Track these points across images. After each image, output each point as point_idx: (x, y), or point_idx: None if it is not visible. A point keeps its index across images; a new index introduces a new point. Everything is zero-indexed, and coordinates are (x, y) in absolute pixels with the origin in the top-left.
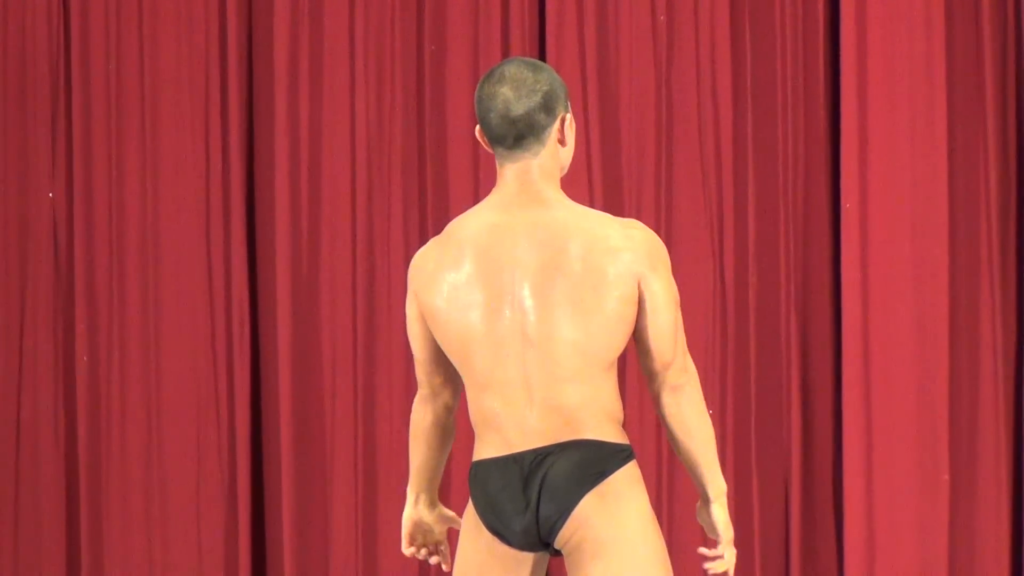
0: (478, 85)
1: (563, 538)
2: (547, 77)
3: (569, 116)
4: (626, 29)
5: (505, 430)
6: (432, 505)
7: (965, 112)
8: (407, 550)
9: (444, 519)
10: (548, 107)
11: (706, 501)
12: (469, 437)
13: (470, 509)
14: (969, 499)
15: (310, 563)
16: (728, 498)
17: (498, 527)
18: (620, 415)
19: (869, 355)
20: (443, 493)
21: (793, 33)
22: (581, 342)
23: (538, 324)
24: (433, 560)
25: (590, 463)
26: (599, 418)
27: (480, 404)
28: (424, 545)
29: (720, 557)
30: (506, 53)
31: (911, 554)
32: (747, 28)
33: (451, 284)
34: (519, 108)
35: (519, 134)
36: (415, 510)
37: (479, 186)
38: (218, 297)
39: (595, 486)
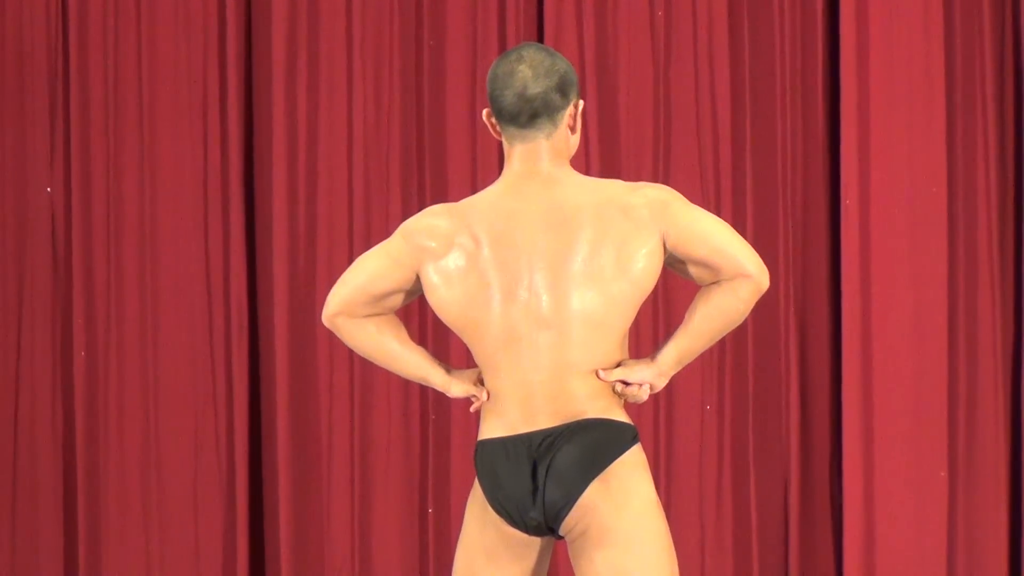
0: (492, 65)
1: (568, 525)
2: (563, 63)
3: (582, 104)
4: (624, 24)
5: (510, 412)
6: (450, 371)
7: (964, 109)
8: (483, 393)
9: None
10: (563, 90)
11: (649, 364)
12: (467, 418)
13: (476, 491)
14: (967, 496)
15: (307, 558)
16: (726, 495)
17: (507, 509)
18: None
19: (868, 352)
20: (443, 477)
21: (792, 29)
22: (600, 316)
23: (554, 307)
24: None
25: (596, 448)
26: (607, 400)
27: (489, 382)
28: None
29: (639, 385)
30: (504, 48)
31: (910, 551)
32: (745, 24)
33: (462, 265)
34: (536, 87)
35: (534, 112)
36: (450, 377)
37: (477, 181)
38: (216, 293)
39: (601, 472)
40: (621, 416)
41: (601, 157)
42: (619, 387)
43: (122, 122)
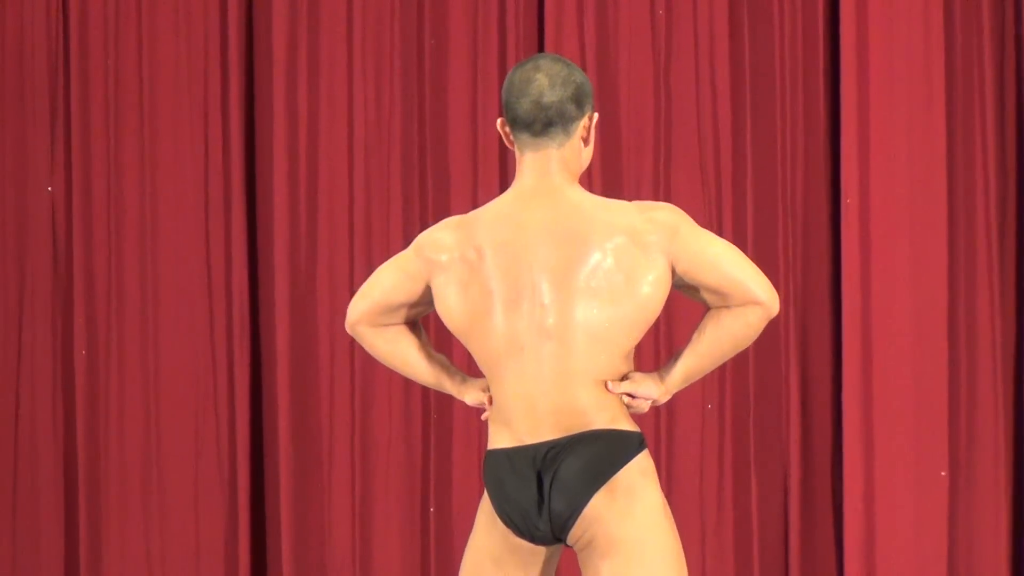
0: (509, 73)
1: (574, 536)
2: (580, 74)
3: (596, 116)
4: (625, 23)
5: (515, 423)
6: (464, 380)
7: (964, 107)
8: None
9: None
10: (579, 100)
11: (657, 383)
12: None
13: (486, 499)
14: (968, 496)
15: (309, 557)
16: (727, 494)
17: (513, 520)
18: None
19: (869, 351)
20: (444, 476)
21: (792, 27)
22: (603, 332)
23: (557, 318)
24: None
25: (601, 458)
26: (611, 408)
27: (494, 392)
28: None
29: (645, 400)
30: (505, 47)
31: (910, 551)
32: (746, 22)
33: (466, 276)
34: (552, 96)
35: (548, 121)
36: (464, 386)
37: (478, 181)
38: (217, 292)
39: (606, 482)
40: (627, 425)
41: (602, 156)
42: (625, 399)
43: (123, 121)
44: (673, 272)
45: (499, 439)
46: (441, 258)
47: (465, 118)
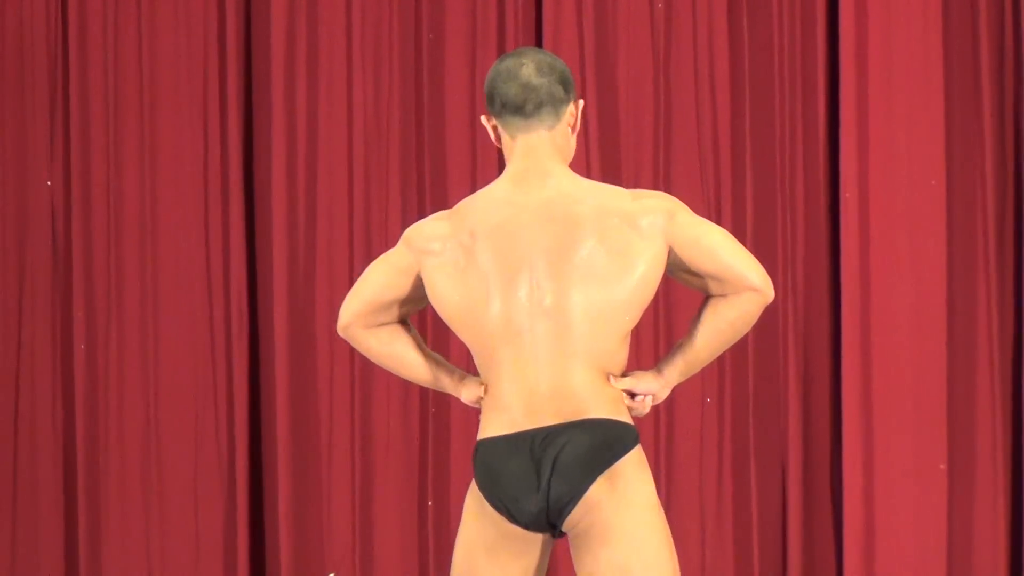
0: (492, 67)
1: (572, 522)
2: (562, 63)
3: (582, 103)
4: (623, 17)
5: (512, 409)
6: (463, 377)
7: (962, 102)
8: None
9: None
10: (565, 85)
11: (656, 377)
12: (467, 411)
13: (473, 489)
14: (966, 489)
15: (308, 551)
16: (726, 487)
17: (507, 506)
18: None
19: (868, 345)
20: (442, 470)
21: (791, 22)
22: (600, 312)
23: (553, 300)
24: None
25: (601, 446)
26: (609, 397)
27: (489, 379)
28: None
29: (645, 396)
30: (503, 41)
31: (909, 543)
32: (745, 17)
33: (461, 261)
34: (540, 78)
35: (539, 101)
36: (462, 384)
37: (477, 174)
38: (216, 286)
39: (606, 470)
40: (624, 417)
41: (601, 152)
42: (626, 399)
43: (122, 115)
44: (669, 254)
45: (494, 426)
46: (432, 247)
47: (463, 113)
